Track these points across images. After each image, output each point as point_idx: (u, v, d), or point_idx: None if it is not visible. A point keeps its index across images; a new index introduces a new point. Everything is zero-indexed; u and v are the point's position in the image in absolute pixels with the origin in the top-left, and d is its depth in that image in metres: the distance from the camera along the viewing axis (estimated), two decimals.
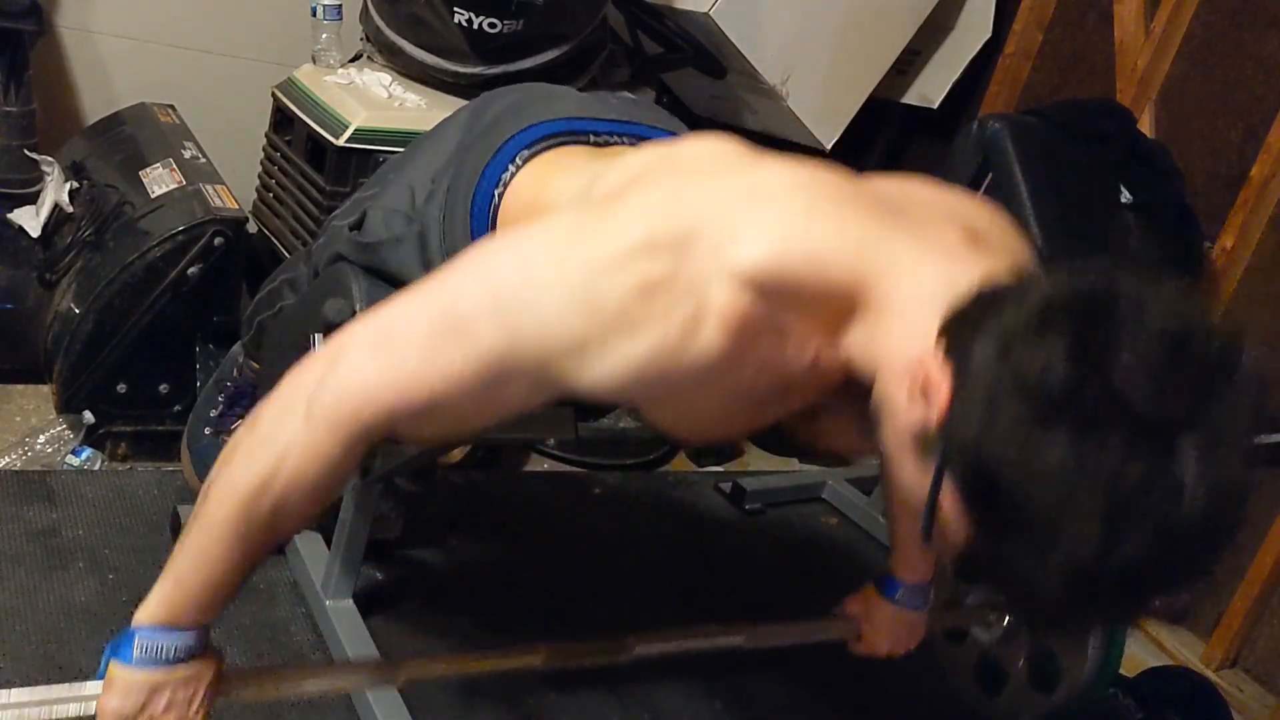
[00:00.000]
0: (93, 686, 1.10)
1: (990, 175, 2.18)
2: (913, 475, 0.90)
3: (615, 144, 1.29)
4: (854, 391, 0.99)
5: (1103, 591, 0.82)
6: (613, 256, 0.88)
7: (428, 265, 1.41)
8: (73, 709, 1.11)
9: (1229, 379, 0.82)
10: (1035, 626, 1.56)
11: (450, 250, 1.37)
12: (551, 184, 1.22)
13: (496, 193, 1.26)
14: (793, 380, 0.99)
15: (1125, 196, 2.23)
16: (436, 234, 1.38)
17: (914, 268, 0.92)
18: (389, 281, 1.50)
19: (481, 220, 1.29)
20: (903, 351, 0.90)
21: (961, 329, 0.86)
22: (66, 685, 1.11)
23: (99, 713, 1.09)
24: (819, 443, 1.16)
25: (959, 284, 0.89)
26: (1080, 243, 2.17)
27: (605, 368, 0.90)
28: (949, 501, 0.86)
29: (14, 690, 1.12)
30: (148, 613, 1.09)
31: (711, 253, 0.88)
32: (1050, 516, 0.79)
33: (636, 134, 1.33)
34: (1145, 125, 2.49)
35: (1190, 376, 0.80)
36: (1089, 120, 2.29)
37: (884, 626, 1.63)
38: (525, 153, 1.26)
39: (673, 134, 1.37)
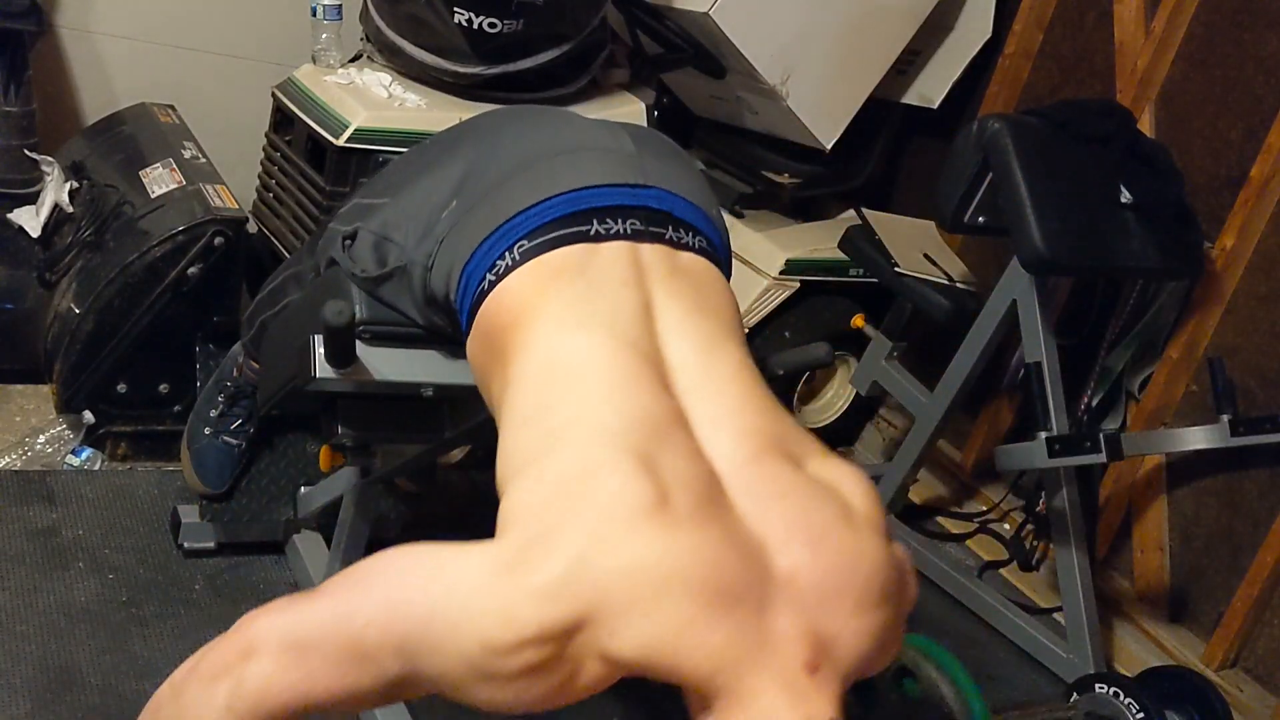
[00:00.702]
0: None
1: (990, 175, 2.19)
2: None
3: (615, 235, 1.28)
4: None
5: None
6: (507, 644, 0.98)
7: (415, 301, 1.43)
8: None
9: None
10: None
11: (431, 299, 1.39)
12: (531, 319, 1.23)
13: (488, 278, 1.28)
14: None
15: (1125, 196, 2.23)
16: (420, 279, 1.40)
17: (751, 698, 1.01)
18: (381, 304, 1.51)
19: (467, 294, 1.30)
20: None
21: None
22: None
23: None
24: None
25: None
26: (1080, 243, 2.18)
27: (488, 703, 1.02)
28: None
29: None
30: None
31: (593, 640, 0.99)
32: None
33: (644, 206, 1.32)
34: (1145, 125, 2.49)
35: None
36: (1089, 120, 2.29)
37: None
38: (525, 243, 1.27)
39: (680, 198, 1.36)
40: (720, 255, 1.38)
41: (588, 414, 1.13)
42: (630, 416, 1.13)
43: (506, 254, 1.27)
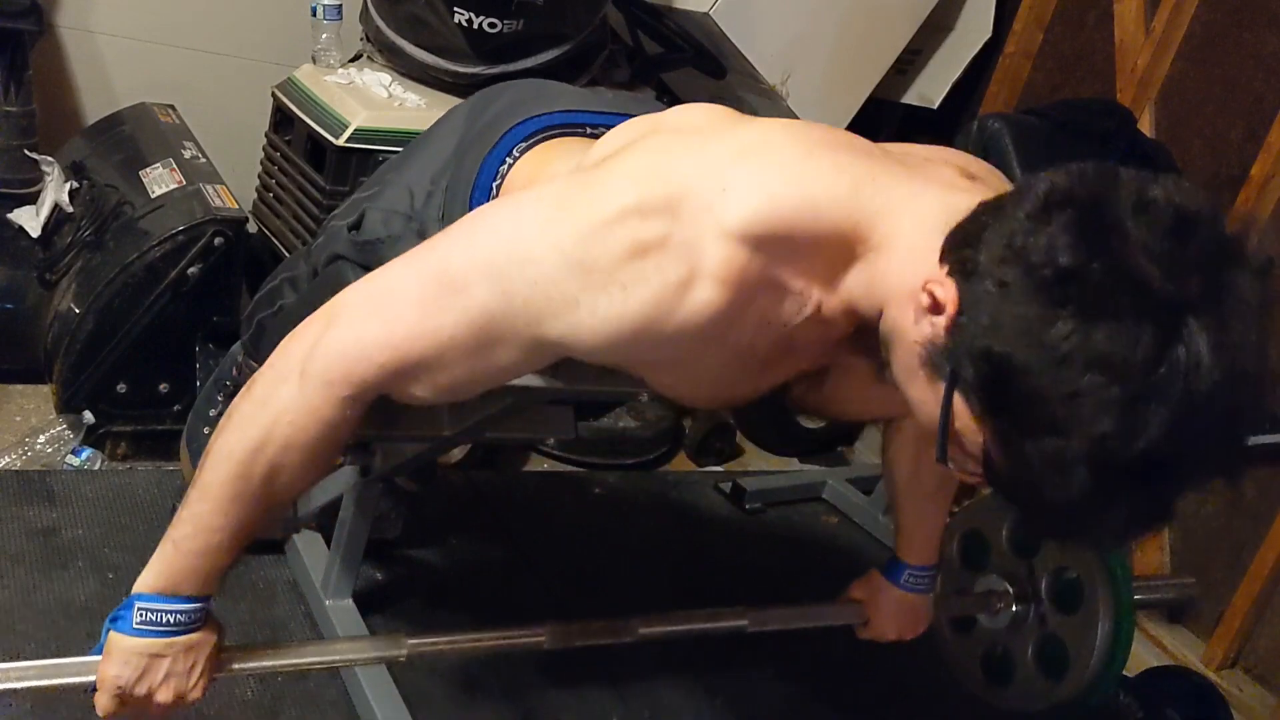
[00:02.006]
0: (93, 658, 1.10)
1: None
2: (925, 398, 0.89)
3: None
4: (859, 342, 0.98)
5: (1128, 477, 0.80)
6: (604, 220, 0.88)
7: None
8: (73, 679, 1.11)
9: (1238, 261, 0.79)
10: (1061, 534, 1.51)
11: None
12: (548, 169, 1.22)
13: (494, 185, 1.27)
14: (795, 337, 0.98)
15: None
16: (435, 232, 1.38)
17: (911, 202, 0.92)
18: None
19: None
20: (907, 280, 0.90)
21: (964, 242, 0.85)
22: (66, 659, 1.12)
23: (99, 681, 1.09)
24: (826, 409, 1.15)
25: (959, 210, 0.89)
26: None
27: (598, 328, 0.90)
28: (962, 413, 0.85)
29: (13, 664, 1.12)
30: (147, 581, 1.08)
31: (703, 211, 0.88)
32: (1066, 400, 0.77)
33: None
34: (1145, 125, 2.49)
35: (1199, 256, 0.78)
36: (1089, 120, 2.29)
37: (890, 611, 1.63)
38: (522, 144, 1.26)
39: None
40: None
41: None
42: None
43: (506, 158, 1.26)
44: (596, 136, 1.26)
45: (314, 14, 2.36)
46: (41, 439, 2.20)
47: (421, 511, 2.14)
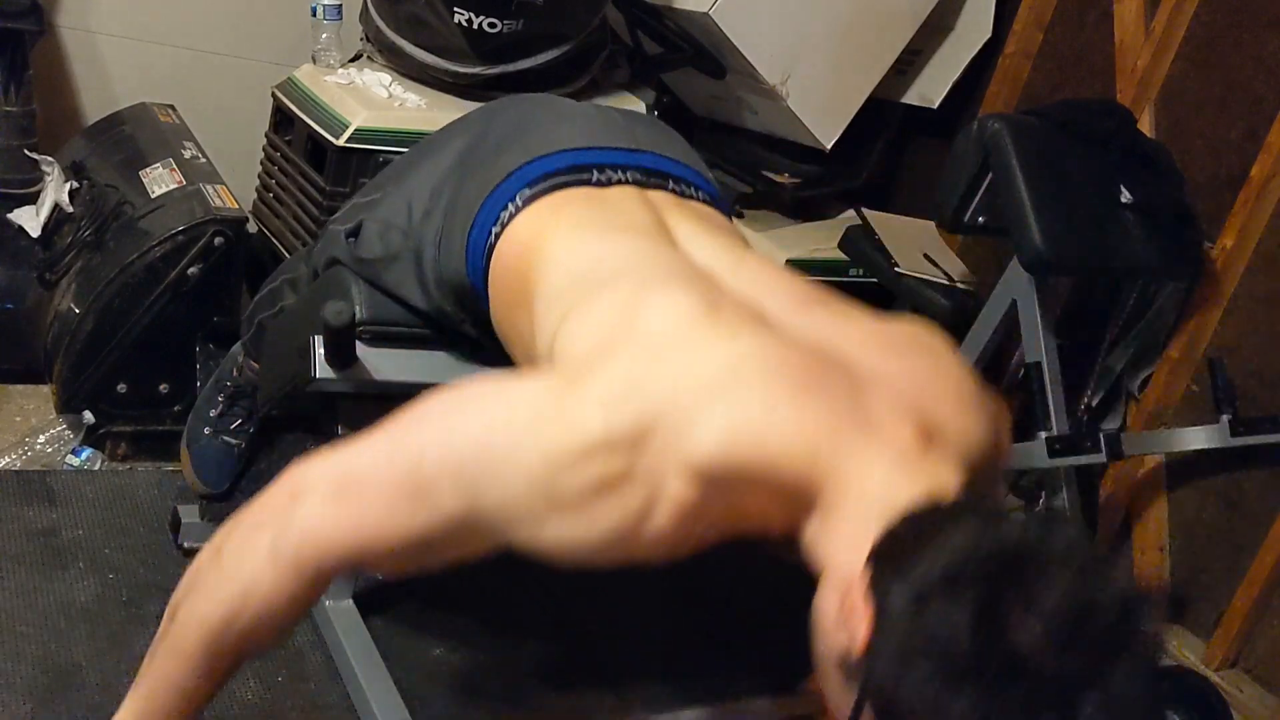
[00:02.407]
0: None
1: (990, 175, 2.18)
2: (837, 692, 0.93)
3: (618, 182, 1.28)
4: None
5: None
6: (572, 452, 0.91)
7: (423, 284, 1.42)
8: None
9: (1129, 646, 0.84)
10: None
11: (442, 275, 1.38)
12: (547, 239, 1.21)
13: (494, 230, 1.26)
14: (746, 530, 1.03)
15: (1125, 196, 2.23)
16: (431, 255, 1.38)
17: (862, 475, 0.94)
18: (385, 294, 1.50)
19: (477, 255, 1.29)
20: (840, 564, 0.93)
21: (885, 564, 0.88)
22: None
23: None
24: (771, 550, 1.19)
25: (901, 496, 0.91)
26: (1080, 243, 2.17)
27: (561, 545, 0.95)
28: None
29: None
30: None
31: (667, 447, 0.91)
32: None
33: (640, 165, 1.32)
34: (1145, 125, 2.49)
35: (1092, 642, 0.82)
36: (1089, 120, 2.29)
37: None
38: (526, 191, 1.25)
39: (677, 162, 1.36)
40: (723, 209, 1.37)
41: (627, 267, 1.10)
42: (671, 268, 1.10)
43: (509, 204, 1.26)
44: (603, 183, 1.26)
45: (314, 14, 2.36)
46: (41, 439, 2.20)
47: None
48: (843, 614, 0.90)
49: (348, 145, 2.15)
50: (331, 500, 0.98)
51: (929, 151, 2.98)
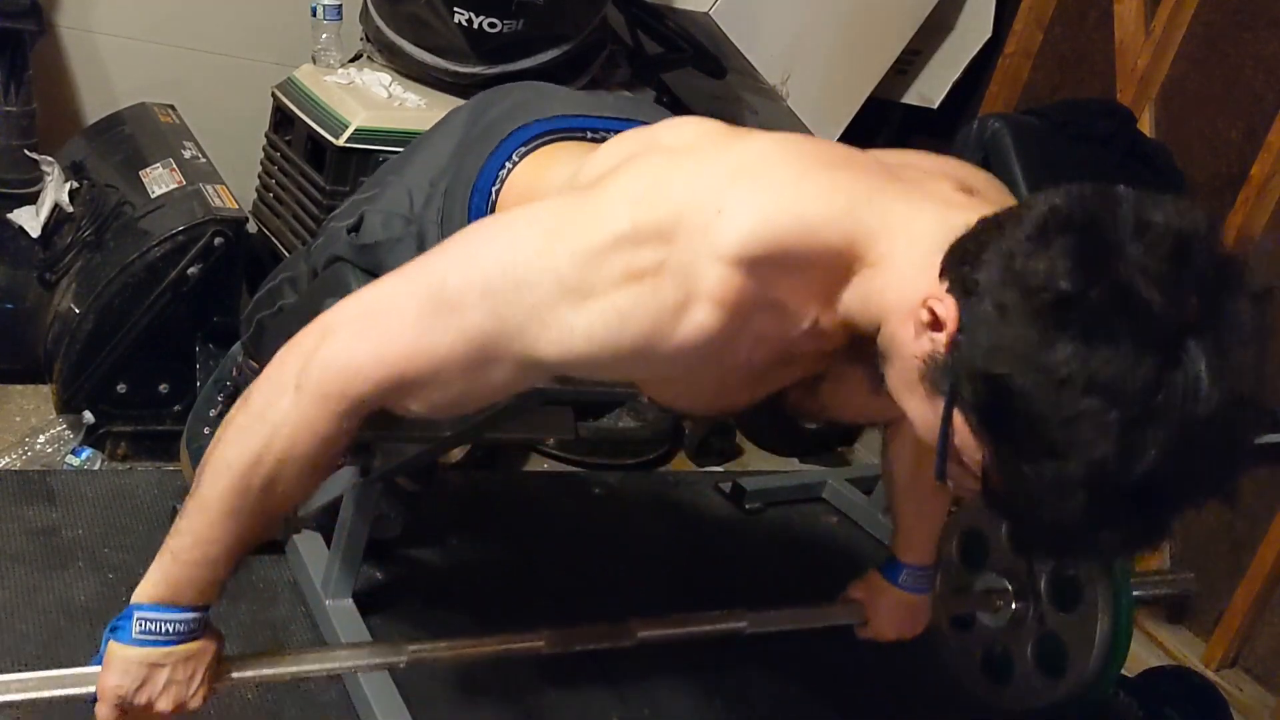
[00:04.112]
0: (93, 668, 1.10)
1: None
2: (923, 413, 0.89)
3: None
4: (856, 352, 0.98)
5: (1125, 500, 0.80)
6: (599, 246, 0.89)
7: None
8: (72, 690, 1.11)
9: (1237, 285, 0.80)
10: (1058, 553, 1.52)
11: None
12: (546, 175, 1.22)
13: (494, 189, 1.27)
14: (791, 349, 0.99)
15: None
16: (434, 236, 1.38)
17: (909, 220, 0.92)
18: None
19: (479, 216, 1.29)
20: (906, 296, 0.89)
21: (964, 259, 0.85)
22: (66, 670, 1.12)
23: (99, 691, 1.09)
24: (824, 414, 1.15)
25: (957, 228, 0.88)
26: None
27: (594, 351, 0.90)
28: (962, 431, 0.85)
29: (13, 675, 1.12)
30: (146, 591, 1.08)
31: (698, 235, 0.88)
32: (1065, 423, 0.78)
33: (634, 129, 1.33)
34: (1145, 125, 2.49)
35: (1198, 278, 0.78)
36: (1089, 120, 2.29)
37: (889, 611, 1.63)
38: (522, 149, 1.26)
39: None
40: None
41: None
42: None
43: (506, 163, 1.26)
44: (598, 141, 1.26)
45: (314, 14, 2.36)
46: (41, 439, 2.20)
47: (421, 511, 2.14)
48: (920, 325, 0.87)
49: (348, 145, 2.15)
50: (357, 328, 0.96)
51: (929, 151, 2.97)
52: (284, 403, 0.98)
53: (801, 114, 2.58)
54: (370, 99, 2.25)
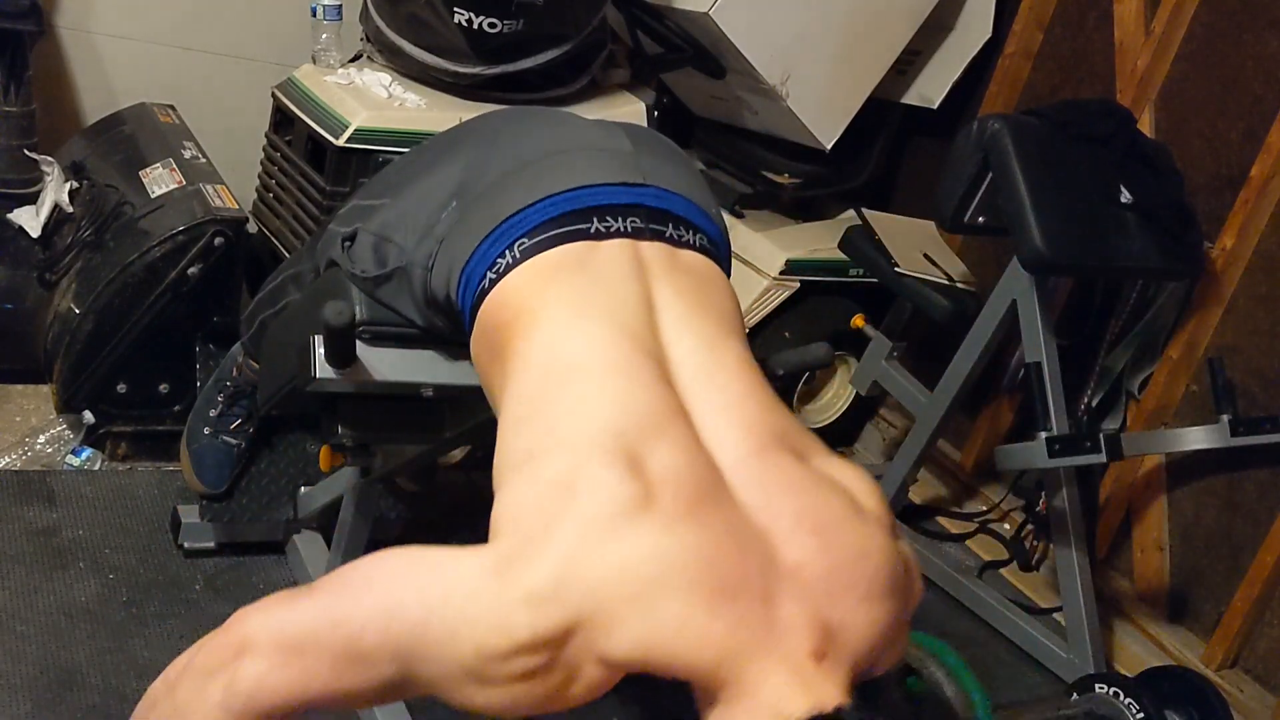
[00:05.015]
0: None
1: (990, 175, 2.18)
2: None
3: (616, 232, 1.28)
4: None
5: None
6: (500, 651, 0.99)
7: (415, 302, 1.43)
8: None
9: None
10: None
11: (432, 299, 1.38)
12: (532, 318, 1.23)
13: (489, 275, 1.27)
14: None
15: (1125, 196, 2.23)
16: (421, 278, 1.39)
17: (758, 686, 1.01)
18: (380, 305, 1.51)
19: (469, 292, 1.30)
20: None
21: None
22: None
23: None
24: None
25: (789, 708, 0.98)
26: (1080, 243, 2.17)
27: (489, 708, 1.02)
28: None
29: None
30: None
31: (585, 644, 0.99)
32: None
33: (644, 204, 1.32)
34: (1145, 125, 2.49)
35: None
36: (1089, 120, 2.29)
37: None
38: (525, 241, 1.26)
39: (678, 196, 1.36)
40: (721, 253, 1.38)
41: (583, 410, 1.13)
42: (628, 411, 1.12)
43: (506, 252, 1.27)
44: (601, 235, 1.26)
45: (314, 14, 2.36)
46: (41, 439, 2.20)
47: (421, 511, 2.14)
48: None
49: (348, 145, 2.15)
50: (278, 660, 1.05)
51: (929, 151, 2.98)
52: (207, 714, 1.05)
53: (801, 114, 2.58)
54: (370, 99, 2.25)
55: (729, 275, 1.36)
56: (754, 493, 1.11)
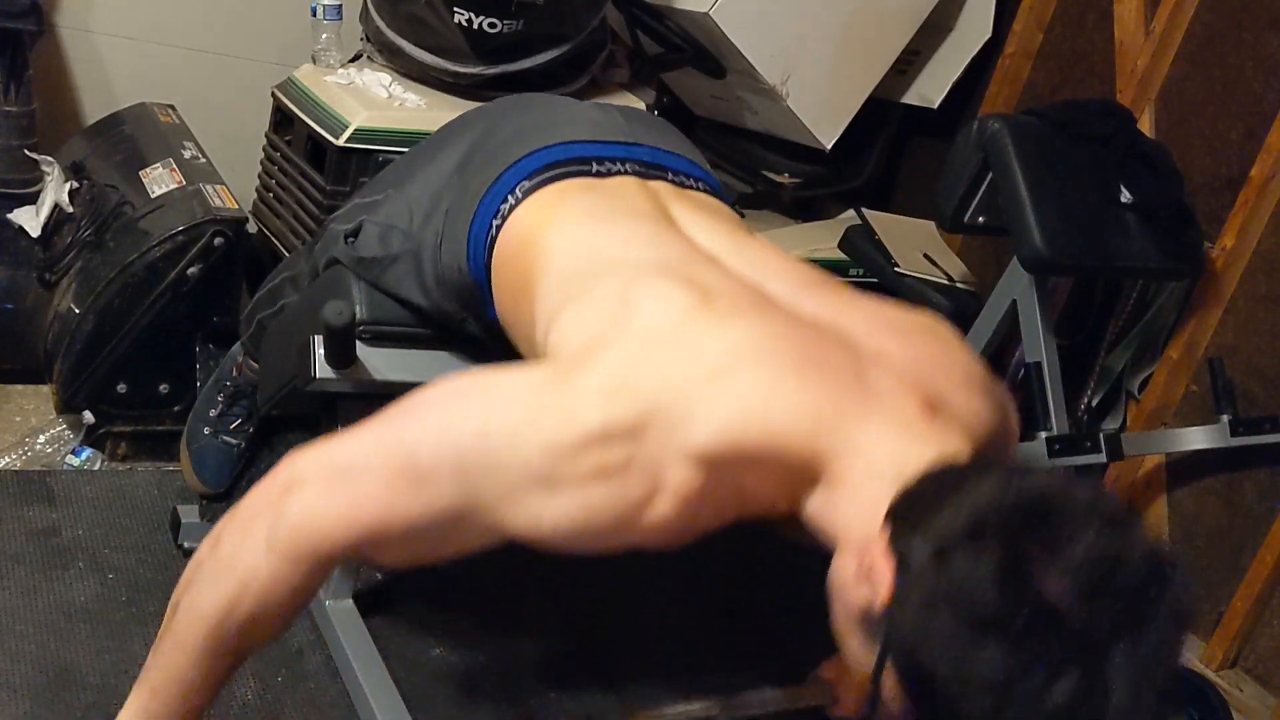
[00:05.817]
0: None
1: (990, 175, 2.18)
2: (858, 650, 0.93)
3: (617, 173, 1.28)
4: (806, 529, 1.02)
5: None
6: (570, 443, 0.91)
7: (423, 285, 1.42)
8: None
9: (1158, 601, 0.84)
10: None
11: (443, 275, 1.37)
12: (547, 229, 1.21)
13: (494, 223, 1.26)
14: (752, 515, 1.03)
15: (1125, 196, 2.23)
16: (431, 257, 1.38)
17: (869, 447, 0.94)
18: (385, 294, 1.50)
19: (478, 249, 1.29)
20: (854, 529, 0.93)
21: (905, 520, 0.88)
22: None
23: None
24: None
25: (911, 462, 0.91)
26: (1080, 243, 2.17)
27: (560, 530, 0.93)
28: (891, 683, 0.89)
29: None
30: None
31: (668, 434, 0.91)
32: None
33: (640, 159, 1.32)
34: (1145, 125, 2.49)
35: (1121, 595, 0.82)
36: (1089, 120, 2.29)
37: (860, 689, 1.62)
38: (526, 183, 1.25)
39: (675, 155, 1.36)
40: (725, 199, 1.37)
41: (625, 254, 1.09)
42: (669, 253, 1.09)
43: (509, 196, 1.26)
44: (603, 175, 1.25)
45: (314, 14, 2.36)
46: (41, 439, 2.20)
47: None
48: (862, 572, 0.90)
49: (347, 145, 2.15)
50: (326, 488, 0.97)
51: (929, 151, 2.98)
52: (254, 555, 1.00)
53: (801, 114, 2.58)
54: (370, 99, 2.25)
55: None
56: (817, 307, 1.06)
